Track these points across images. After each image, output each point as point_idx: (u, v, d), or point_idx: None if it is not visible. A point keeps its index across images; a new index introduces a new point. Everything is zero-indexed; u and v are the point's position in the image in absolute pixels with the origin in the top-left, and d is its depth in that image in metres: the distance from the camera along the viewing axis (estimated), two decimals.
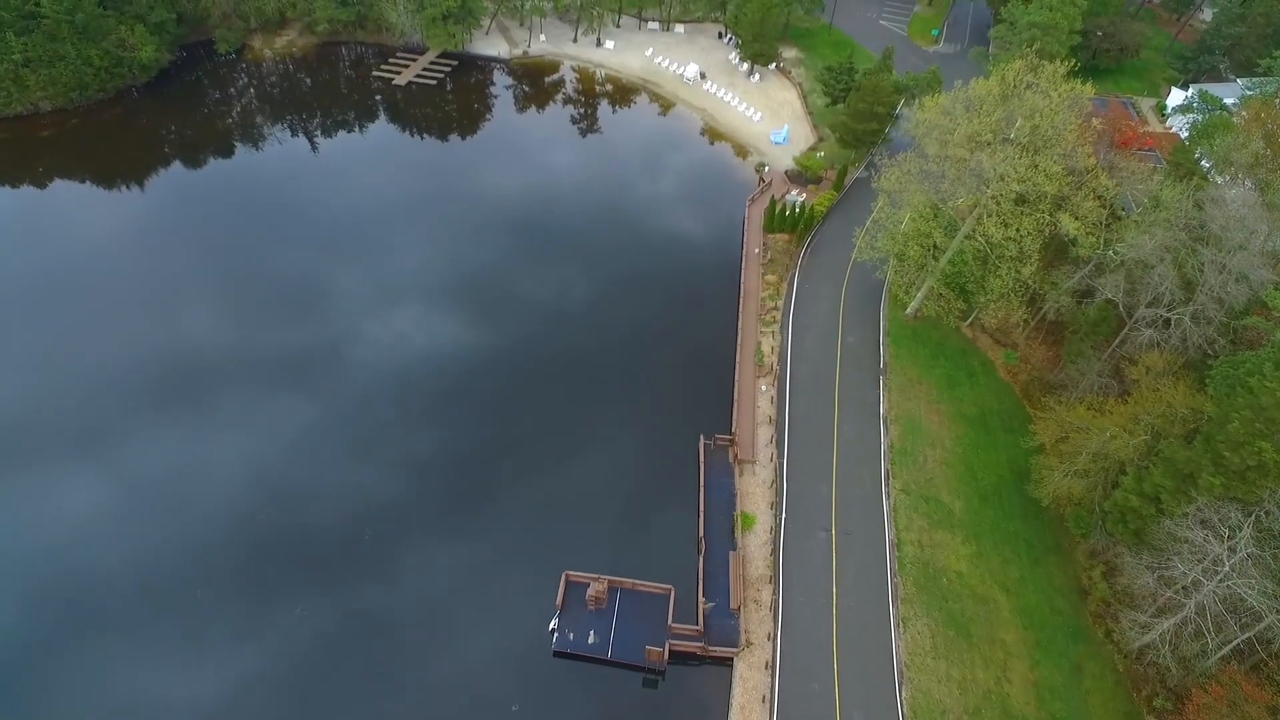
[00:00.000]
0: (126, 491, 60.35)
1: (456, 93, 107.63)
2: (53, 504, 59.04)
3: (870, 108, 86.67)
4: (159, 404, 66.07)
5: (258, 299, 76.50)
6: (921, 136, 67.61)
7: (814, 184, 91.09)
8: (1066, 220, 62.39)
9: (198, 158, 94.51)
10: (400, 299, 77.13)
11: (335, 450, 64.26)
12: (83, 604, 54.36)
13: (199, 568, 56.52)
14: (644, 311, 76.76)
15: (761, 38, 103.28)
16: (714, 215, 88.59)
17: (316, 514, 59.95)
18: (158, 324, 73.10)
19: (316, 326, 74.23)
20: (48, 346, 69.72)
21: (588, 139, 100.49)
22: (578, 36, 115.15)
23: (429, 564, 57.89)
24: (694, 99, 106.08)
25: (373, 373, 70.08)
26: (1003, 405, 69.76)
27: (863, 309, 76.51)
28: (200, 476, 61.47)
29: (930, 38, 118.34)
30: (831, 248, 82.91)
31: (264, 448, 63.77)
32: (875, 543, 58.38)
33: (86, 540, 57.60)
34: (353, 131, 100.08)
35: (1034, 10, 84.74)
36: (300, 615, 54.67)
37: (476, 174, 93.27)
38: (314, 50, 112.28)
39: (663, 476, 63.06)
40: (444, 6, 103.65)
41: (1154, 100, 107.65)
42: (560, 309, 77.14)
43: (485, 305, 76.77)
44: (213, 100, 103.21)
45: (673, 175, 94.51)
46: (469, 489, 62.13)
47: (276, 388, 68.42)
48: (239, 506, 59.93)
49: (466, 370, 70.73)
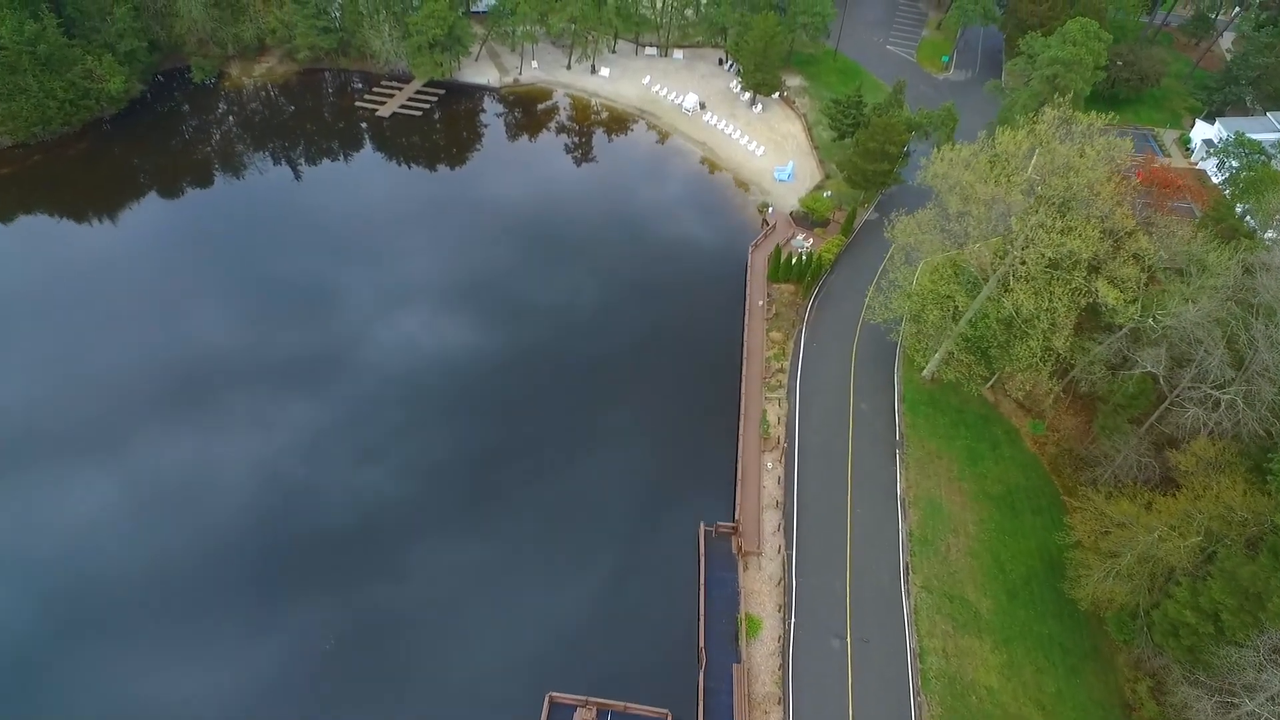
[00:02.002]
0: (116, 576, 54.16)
1: (443, 124, 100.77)
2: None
3: (881, 147, 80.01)
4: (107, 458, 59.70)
5: (228, 344, 70.12)
6: (943, 192, 61.16)
7: (820, 227, 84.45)
8: (1104, 288, 55.88)
9: (168, 195, 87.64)
10: (371, 350, 70.57)
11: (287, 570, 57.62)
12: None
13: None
14: (638, 373, 69.98)
15: (764, 67, 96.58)
16: (714, 261, 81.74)
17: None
18: (122, 374, 66.74)
19: (279, 381, 67.64)
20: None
21: (580, 175, 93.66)
22: (571, 63, 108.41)
23: (387, 696, 50.31)
24: (693, 131, 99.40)
25: (315, 466, 63.59)
26: (1030, 481, 63.20)
27: (876, 370, 69.93)
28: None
29: (940, 64, 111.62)
30: (841, 300, 76.29)
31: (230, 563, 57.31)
32: (895, 653, 51.79)
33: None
34: (333, 166, 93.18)
35: (1055, 45, 78.11)
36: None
37: (459, 215, 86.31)
38: (295, 78, 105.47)
39: (658, 572, 56.24)
40: (430, 34, 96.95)
41: (1176, 133, 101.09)
42: (544, 366, 70.13)
43: (460, 373, 69.24)
44: (186, 132, 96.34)
45: (670, 216, 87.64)
46: (441, 597, 54.87)
47: (235, 460, 61.91)
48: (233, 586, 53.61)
49: (429, 461, 62.97)
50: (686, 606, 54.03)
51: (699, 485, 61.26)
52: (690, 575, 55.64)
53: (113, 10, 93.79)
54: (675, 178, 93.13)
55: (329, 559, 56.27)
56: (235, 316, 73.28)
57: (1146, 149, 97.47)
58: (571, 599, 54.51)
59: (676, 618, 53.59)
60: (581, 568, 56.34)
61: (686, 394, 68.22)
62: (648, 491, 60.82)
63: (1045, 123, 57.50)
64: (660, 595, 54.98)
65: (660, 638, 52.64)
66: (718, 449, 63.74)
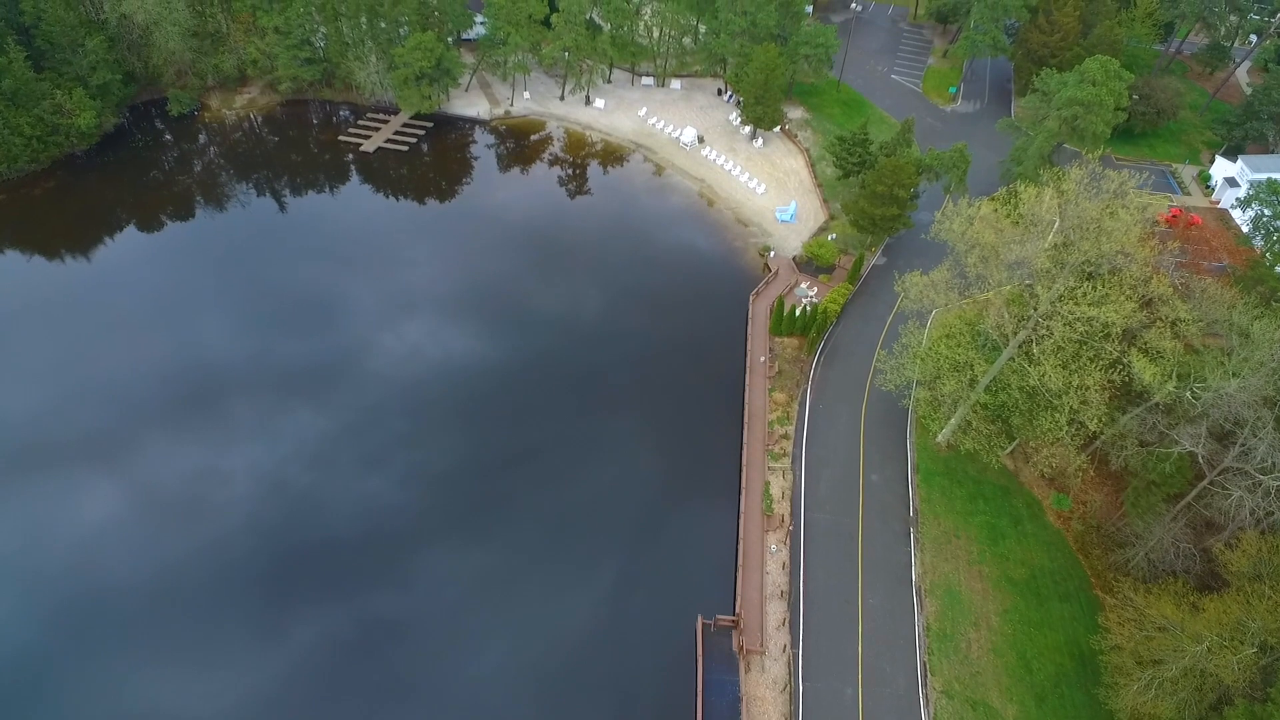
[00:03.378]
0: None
1: (430, 160, 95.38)
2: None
3: (889, 190, 74.81)
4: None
5: (200, 390, 65.22)
6: (960, 249, 56.01)
7: (825, 273, 79.22)
8: (1139, 362, 50.59)
9: (139, 234, 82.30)
10: (348, 400, 65.20)
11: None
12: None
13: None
14: (632, 439, 64.37)
15: (765, 100, 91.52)
16: (713, 311, 76.28)
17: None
18: (87, 422, 61.66)
19: (241, 432, 62.30)
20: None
21: (572, 215, 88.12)
22: (565, 94, 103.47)
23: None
24: (691, 167, 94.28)
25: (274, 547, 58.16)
26: (1055, 563, 57.71)
27: (886, 435, 64.52)
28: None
29: (947, 95, 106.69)
30: (848, 355, 70.96)
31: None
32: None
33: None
34: (313, 205, 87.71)
35: (1073, 84, 73.03)
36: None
37: (445, 259, 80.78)
38: (277, 109, 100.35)
39: (650, 677, 50.54)
40: (417, 67, 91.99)
41: (1195, 169, 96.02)
42: (525, 438, 64.36)
43: (425, 447, 63.93)
44: (160, 169, 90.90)
45: (667, 260, 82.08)
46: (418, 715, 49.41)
47: (180, 515, 56.49)
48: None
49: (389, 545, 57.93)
50: (683, 716, 48.43)
51: (696, 571, 55.67)
52: (686, 678, 50.07)
53: (84, 42, 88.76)
54: (672, 218, 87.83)
55: (321, 625, 50.92)
56: (208, 359, 68.14)
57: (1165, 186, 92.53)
58: (557, 712, 48.92)
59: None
60: (567, 675, 50.59)
61: (684, 463, 62.66)
62: (640, 579, 55.18)
63: (1072, 180, 52.34)
64: (653, 703, 49.39)
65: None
66: (717, 528, 58.19)
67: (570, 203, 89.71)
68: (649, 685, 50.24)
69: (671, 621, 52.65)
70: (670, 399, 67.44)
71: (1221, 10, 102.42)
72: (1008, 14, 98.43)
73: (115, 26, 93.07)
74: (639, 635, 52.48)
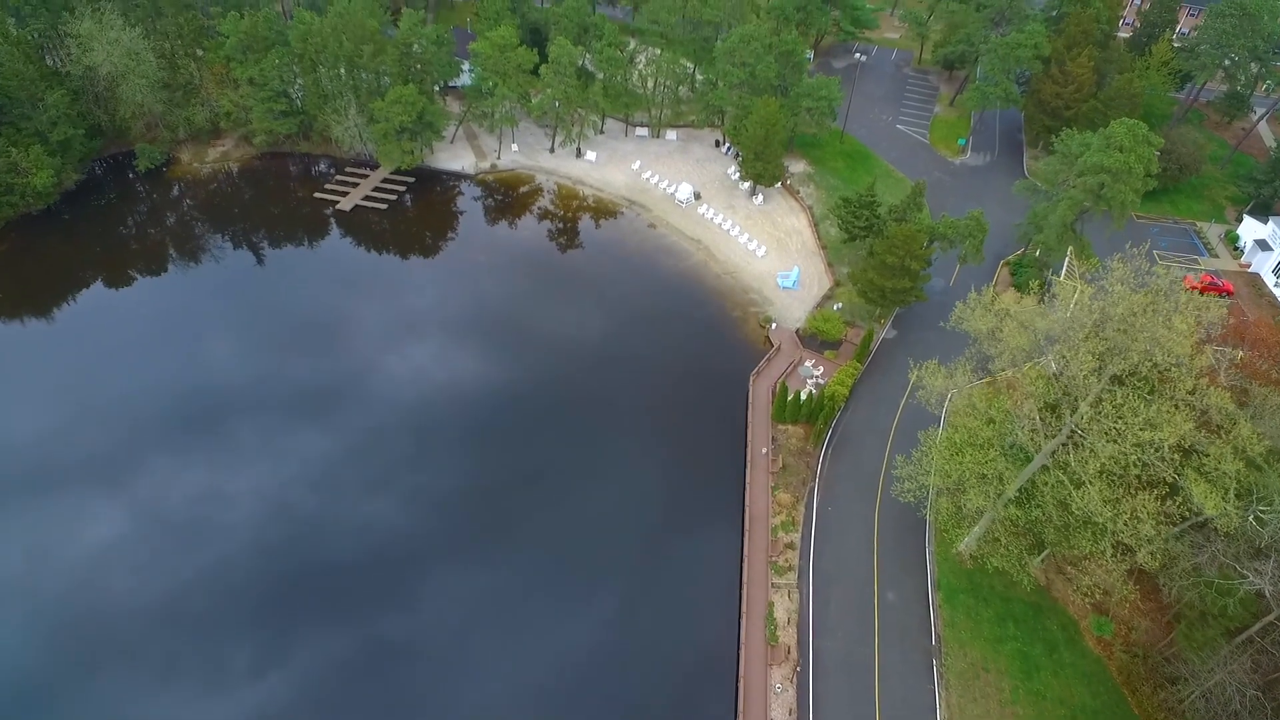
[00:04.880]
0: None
1: (409, 219, 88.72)
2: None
3: (901, 261, 68.57)
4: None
5: (153, 470, 58.83)
6: (985, 344, 49.48)
7: (832, 349, 72.61)
8: (1197, 487, 43.80)
9: (96, 298, 75.84)
10: (297, 488, 58.30)
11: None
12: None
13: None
14: (618, 547, 57.08)
15: (765, 156, 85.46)
16: (709, 393, 69.32)
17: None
18: (39, 504, 54.96)
19: (189, 517, 55.37)
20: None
21: (557, 281, 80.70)
22: (555, 146, 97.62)
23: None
24: (687, 226, 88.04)
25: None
26: (1098, 700, 50.28)
27: (903, 543, 57.38)
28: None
29: (956, 147, 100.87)
30: (859, 446, 64.08)
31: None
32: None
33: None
34: (283, 267, 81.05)
35: (1097, 150, 66.89)
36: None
37: (419, 331, 73.83)
38: (251, 163, 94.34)
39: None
40: (397, 121, 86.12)
41: (1221, 228, 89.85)
42: (495, 549, 57.45)
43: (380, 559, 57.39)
44: (124, 228, 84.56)
45: (659, 333, 75.02)
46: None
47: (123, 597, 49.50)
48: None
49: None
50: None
51: (691, 717, 48.46)
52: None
53: (44, 96, 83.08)
54: (666, 284, 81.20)
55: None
56: (164, 430, 61.74)
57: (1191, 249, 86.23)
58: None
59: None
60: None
61: (679, 582, 55.31)
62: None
63: (1116, 280, 45.85)
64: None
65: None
66: (714, 663, 50.93)
67: (557, 267, 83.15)
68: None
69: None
70: (662, 503, 60.24)
71: (1242, 59, 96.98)
72: (1019, 64, 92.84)
73: (80, 79, 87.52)
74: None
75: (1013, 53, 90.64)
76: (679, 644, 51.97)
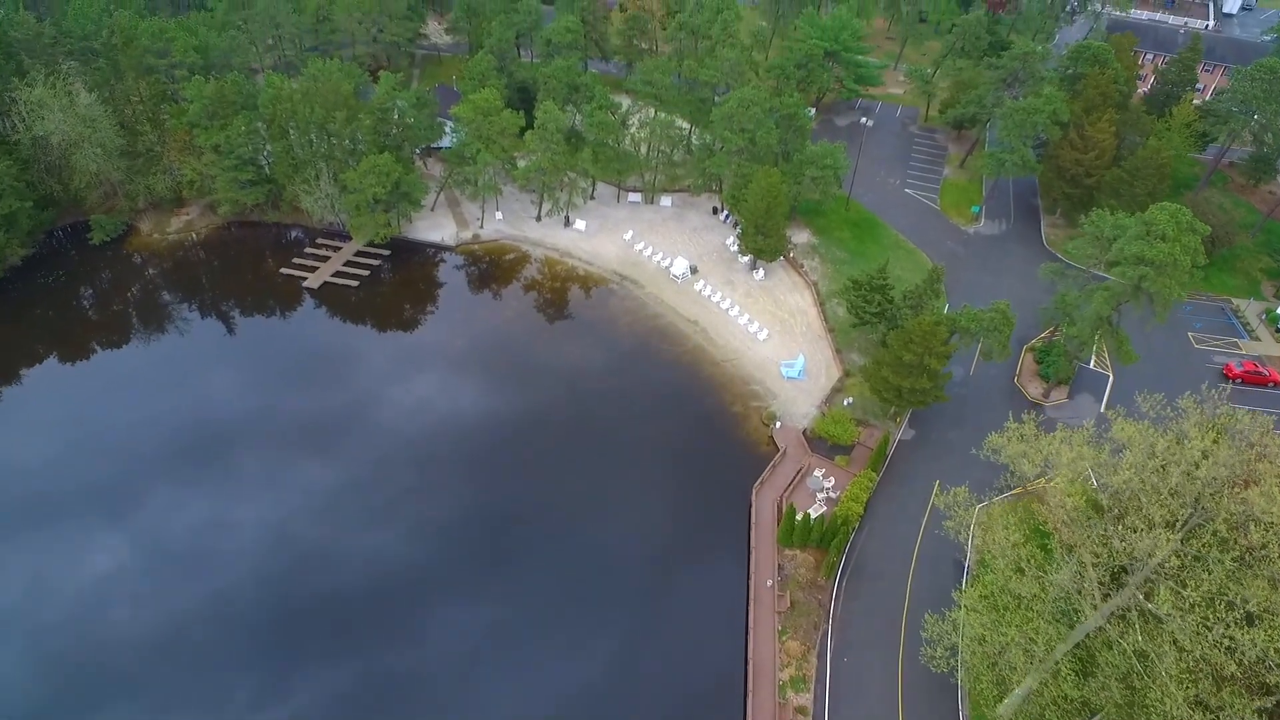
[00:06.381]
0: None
1: (381, 297, 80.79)
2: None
3: (920, 359, 61.07)
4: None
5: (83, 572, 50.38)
6: (1052, 510, 41.72)
7: (843, 453, 64.85)
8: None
9: (33, 384, 68.69)
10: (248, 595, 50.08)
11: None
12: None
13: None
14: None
15: (766, 230, 78.48)
16: (705, 508, 60.94)
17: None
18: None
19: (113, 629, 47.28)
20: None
21: (540, 371, 72.56)
22: (542, 214, 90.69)
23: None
24: (682, 305, 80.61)
25: None
26: None
27: (933, 704, 49.14)
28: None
29: (968, 214, 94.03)
30: (877, 577, 55.80)
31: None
32: None
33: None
34: (238, 355, 73.19)
35: (1135, 238, 59.63)
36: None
37: (382, 427, 65.67)
38: (217, 233, 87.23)
39: None
40: (370, 193, 79.21)
41: (1260, 305, 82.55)
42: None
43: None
44: (71, 307, 77.16)
45: (650, 432, 66.86)
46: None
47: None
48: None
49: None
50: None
51: None
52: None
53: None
54: (660, 372, 73.30)
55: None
56: (98, 531, 53.87)
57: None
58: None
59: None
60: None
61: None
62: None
63: (1193, 421, 38.16)
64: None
65: None
66: None
67: (540, 354, 74.99)
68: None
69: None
70: (655, 653, 51.99)
71: (1271, 122, 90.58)
72: (1035, 130, 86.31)
73: (29, 148, 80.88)
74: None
75: (1029, 118, 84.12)
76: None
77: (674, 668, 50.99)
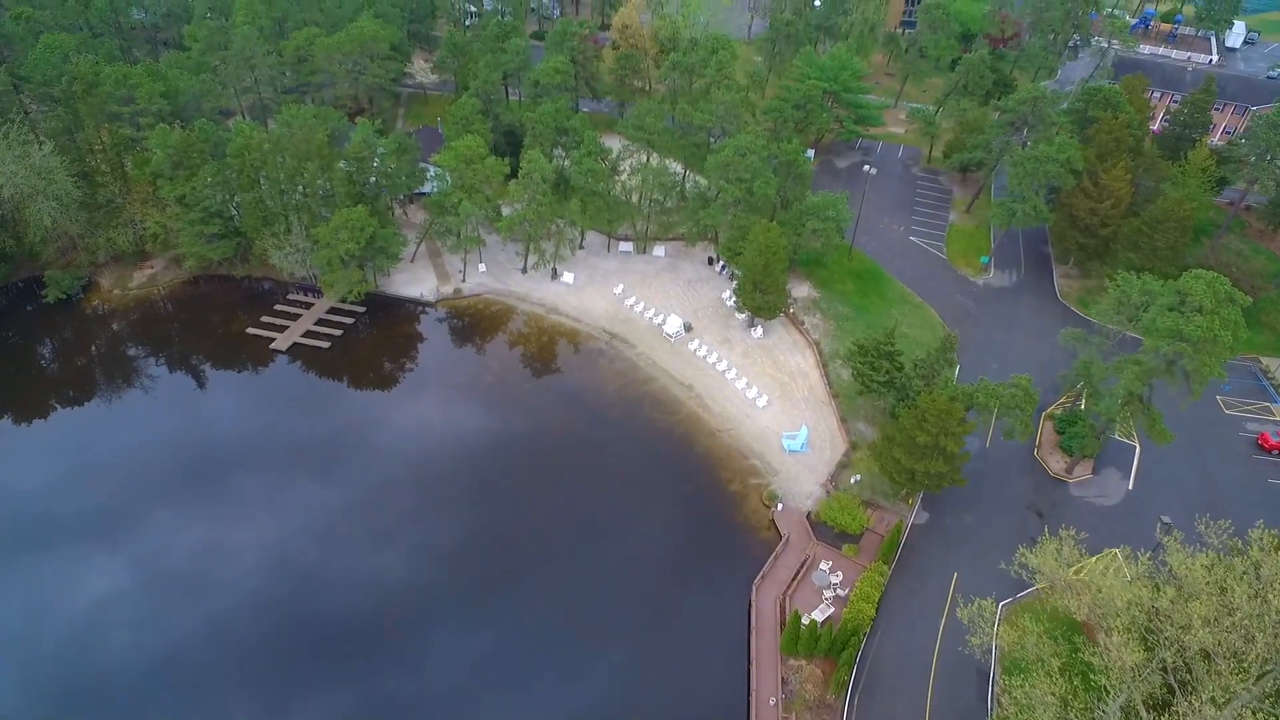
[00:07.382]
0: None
1: (354, 360, 74.96)
2: None
3: (934, 440, 55.51)
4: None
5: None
6: (1108, 661, 36.00)
7: (851, 542, 59.04)
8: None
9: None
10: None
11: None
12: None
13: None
14: None
15: (765, 287, 73.26)
16: (700, 608, 54.65)
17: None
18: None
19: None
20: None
21: (521, 444, 66.72)
22: (527, 267, 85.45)
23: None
24: (676, 367, 75.01)
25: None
26: None
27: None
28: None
29: (977, 264, 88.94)
30: (892, 690, 49.76)
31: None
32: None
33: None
34: (198, 424, 66.92)
35: (1168, 309, 54.34)
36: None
37: (349, 511, 59.75)
38: (181, 289, 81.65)
39: None
40: (343, 249, 73.90)
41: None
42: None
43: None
44: (21, 371, 71.80)
45: (640, 516, 61.08)
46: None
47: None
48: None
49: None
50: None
51: None
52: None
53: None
54: (651, 444, 67.28)
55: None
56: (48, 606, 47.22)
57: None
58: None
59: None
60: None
61: None
62: None
63: (1259, 548, 32.65)
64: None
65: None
66: None
67: (521, 425, 68.87)
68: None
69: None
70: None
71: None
72: (1048, 178, 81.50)
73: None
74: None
75: (1041, 167, 79.31)
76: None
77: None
